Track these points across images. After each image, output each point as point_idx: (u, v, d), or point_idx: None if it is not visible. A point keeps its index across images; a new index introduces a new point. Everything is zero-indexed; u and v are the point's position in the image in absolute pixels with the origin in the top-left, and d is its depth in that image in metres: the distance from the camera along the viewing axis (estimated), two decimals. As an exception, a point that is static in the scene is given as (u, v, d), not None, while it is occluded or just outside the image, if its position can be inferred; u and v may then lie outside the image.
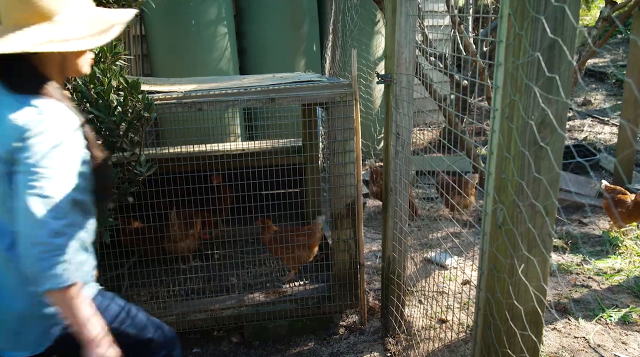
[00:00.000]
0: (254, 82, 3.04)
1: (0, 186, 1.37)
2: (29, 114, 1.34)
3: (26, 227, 1.30)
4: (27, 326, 1.48)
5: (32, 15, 1.36)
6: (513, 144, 1.36)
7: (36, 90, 1.38)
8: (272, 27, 5.07)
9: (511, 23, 1.32)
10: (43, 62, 1.42)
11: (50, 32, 1.36)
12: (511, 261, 1.41)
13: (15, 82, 1.38)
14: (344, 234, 2.86)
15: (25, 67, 1.39)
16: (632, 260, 3.51)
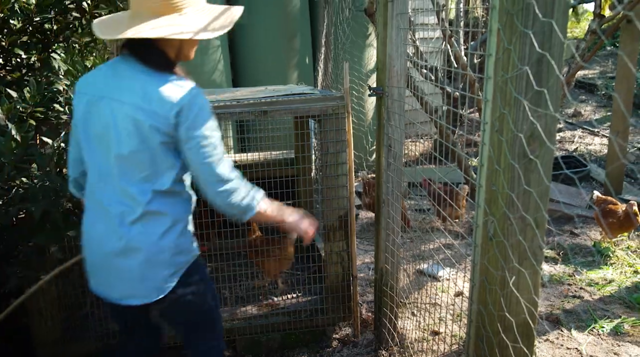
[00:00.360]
0: (247, 94, 3.05)
1: (148, 153, 1.60)
2: (180, 89, 1.59)
3: (220, 186, 1.62)
4: (154, 274, 1.68)
5: (166, 7, 1.58)
6: (503, 156, 1.38)
7: (172, 70, 1.64)
8: (265, 40, 5.10)
9: (500, 37, 1.34)
10: (166, 47, 1.64)
11: (181, 22, 1.59)
12: (502, 273, 1.42)
13: (157, 62, 1.62)
14: (336, 246, 2.86)
15: (156, 50, 1.62)
16: (623, 270, 3.53)
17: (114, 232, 1.66)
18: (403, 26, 2.31)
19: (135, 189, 1.64)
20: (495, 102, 1.38)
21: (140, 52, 1.62)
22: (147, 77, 1.61)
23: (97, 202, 1.69)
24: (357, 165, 5.29)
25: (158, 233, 1.66)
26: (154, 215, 1.65)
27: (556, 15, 1.24)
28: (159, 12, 1.58)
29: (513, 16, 1.28)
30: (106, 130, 1.62)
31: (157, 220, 1.66)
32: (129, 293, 1.71)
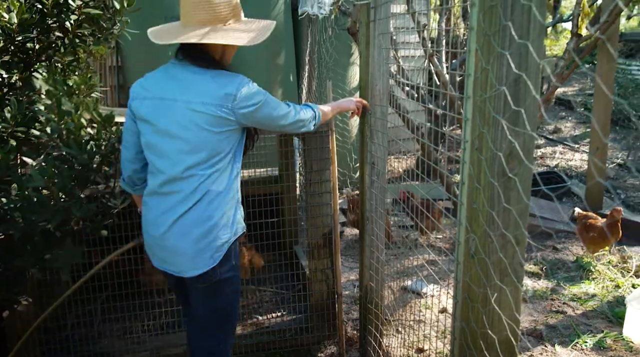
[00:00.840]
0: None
1: (207, 141, 1.86)
2: (229, 79, 1.89)
3: (294, 125, 2.09)
4: (209, 243, 1.90)
5: (211, 19, 1.89)
6: (483, 175, 1.39)
7: (218, 68, 1.92)
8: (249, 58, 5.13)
9: (478, 58, 1.37)
10: (211, 51, 1.92)
11: (223, 32, 1.89)
12: (484, 291, 1.43)
13: (205, 61, 1.90)
14: (321, 263, 2.86)
15: (204, 54, 1.91)
16: (605, 285, 3.57)
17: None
18: (385, 46, 2.35)
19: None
20: (475, 121, 1.40)
21: (191, 55, 1.90)
22: (199, 75, 1.88)
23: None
24: (342, 182, 5.30)
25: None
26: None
27: (532, 37, 1.27)
28: (205, 22, 1.88)
29: (490, 37, 1.31)
30: (171, 127, 1.86)
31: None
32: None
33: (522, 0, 1.23)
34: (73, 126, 2.09)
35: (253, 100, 1.89)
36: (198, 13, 1.88)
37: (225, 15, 1.91)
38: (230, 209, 1.95)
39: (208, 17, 1.88)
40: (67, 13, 2.30)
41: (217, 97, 1.84)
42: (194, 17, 1.88)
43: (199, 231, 1.88)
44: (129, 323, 2.95)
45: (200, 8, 1.87)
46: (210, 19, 1.88)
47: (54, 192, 1.95)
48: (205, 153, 1.86)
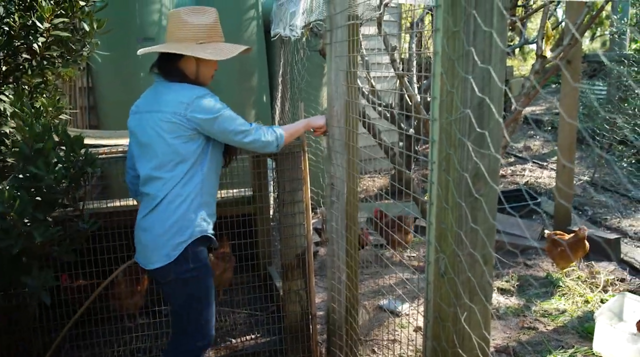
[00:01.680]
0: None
1: (171, 148, 2.05)
2: (189, 90, 2.07)
3: (247, 138, 2.16)
4: (164, 242, 2.06)
5: (192, 38, 2.12)
6: (450, 195, 1.42)
7: (189, 82, 2.12)
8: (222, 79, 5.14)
9: (444, 81, 1.40)
10: (183, 68, 2.12)
11: (198, 49, 2.10)
12: (454, 310, 1.44)
13: (176, 76, 2.11)
14: (295, 284, 2.85)
15: (176, 69, 2.12)
16: (575, 300, 3.63)
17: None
18: (342, 68, 2.35)
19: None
20: (442, 143, 1.43)
21: (163, 69, 2.12)
22: (169, 88, 2.08)
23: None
24: (315, 202, 5.31)
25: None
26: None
27: (494, 62, 1.31)
28: (181, 40, 2.11)
29: (454, 62, 1.35)
30: (145, 136, 2.08)
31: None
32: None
33: (483, 27, 1.28)
34: (42, 147, 2.06)
35: (208, 110, 2.04)
36: (178, 32, 2.12)
37: (202, 36, 2.13)
38: (191, 212, 2.07)
39: (186, 35, 2.12)
40: (35, 35, 2.28)
41: (173, 105, 2.03)
42: (174, 35, 2.13)
43: (158, 228, 2.06)
44: (98, 349, 2.87)
45: (180, 28, 2.12)
46: (188, 38, 2.12)
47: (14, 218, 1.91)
48: (166, 158, 2.05)
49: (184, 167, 2.06)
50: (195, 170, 2.09)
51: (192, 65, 2.14)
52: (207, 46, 2.13)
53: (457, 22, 1.32)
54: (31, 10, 2.32)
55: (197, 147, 2.08)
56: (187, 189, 2.07)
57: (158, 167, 2.07)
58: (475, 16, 1.29)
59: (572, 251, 3.77)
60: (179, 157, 2.06)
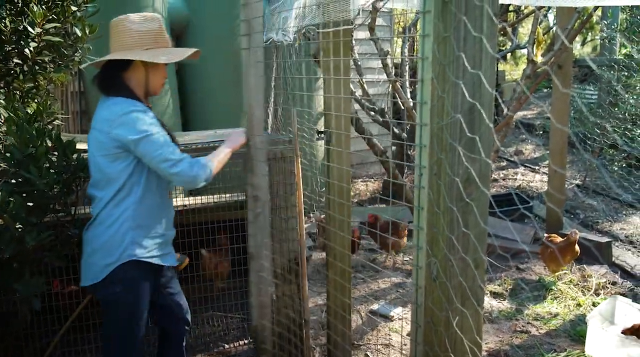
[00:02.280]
0: (195, 139, 3.05)
1: (98, 166, 1.98)
2: (118, 106, 1.94)
3: (172, 169, 1.95)
4: (94, 262, 2.01)
5: (136, 44, 2.01)
6: (442, 200, 1.43)
7: (127, 95, 1.99)
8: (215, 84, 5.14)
9: (434, 86, 1.41)
10: (133, 78, 2.02)
11: (145, 54, 2.00)
12: (446, 314, 1.45)
13: (118, 89, 2.00)
14: (288, 289, 2.84)
15: (119, 81, 2.00)
16: (567, 304, 3.65)
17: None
18: (261, 73, 2.25)
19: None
20: (433, 148, 1.44)
21: (101, 84, 2.02)
22: (104, 103, 1.98)
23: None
24: (309, 206, 5.31)
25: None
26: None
27: (484, 67, 1.32)
28: (125, 47, 2.00)
29: (445, 67, 1.36)
30: (89, 154, 2.01)
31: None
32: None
33: (473, 33, 1.29)
34: (35, 152, 2.05)
35: (132, 129, 1.91)
36: (123, 39, 2.01)
37: (148, 42, 2.03)
38: (120, 235, 1.97)
39: (132, 42, 2.01)
40: (27, 40, 2.28)
41: (100, 122, 1.96)
42: (118, 43, 2.02)
43: (88, 247, 2.03)
44: (90, 356, 2.85)
45: (124, 35, 2.01)
46: (134, 44, 2.01)
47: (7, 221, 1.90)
48: (97, 176, 2.00)
49: (114, 187, 1.96)
50: (128, 191, 1.98)
51: (141, 73, 2.04)
52: (156, 51, 2.03)
53: (448, 27, 1.33)
54: (22, 15, 2.32)
55: (125, 166, 1.95)
56: (117, 211, 1.97)
57: (93, 185, 2.02)
58: (466, 22, 1.30)
59: (563, 254, 3.79)
60: (106, 177, 1.96)
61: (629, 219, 5.39)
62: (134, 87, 2.03)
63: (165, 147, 1.94)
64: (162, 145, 1.93)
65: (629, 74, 5.70)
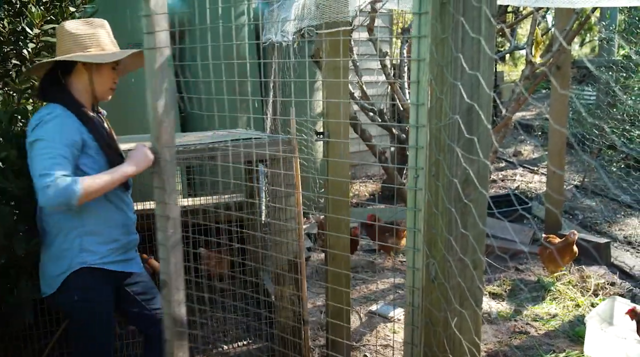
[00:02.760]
0: (194, 140, 3.05)
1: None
2: (41, 111, 1.93)
3: (46, 194, 1.78)
4: (47, 271, 2.01)
5: (75, 48, 1.98)
6: (440, 201, 1.43)
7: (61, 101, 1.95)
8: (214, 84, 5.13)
9: (433, 87, 1.41)
10: (77, 84, 2.00)
11: (82, 55, 1.96)
12: (445, 315, 1.45)
13: (53, 97, 1.97)
14: (287, 290, 2.84)
15: (57, 88, 1.97)
16: (566, 305, 3.65)
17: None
18: (170, 76, 1.90)
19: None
20: (431, 149, 1.44)
21: (40, 91, 2.02)
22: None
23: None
24: (308, 206, 5.31)
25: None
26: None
27: (482, 68, 1.32)
28: (66, 52, 1.97)
29: (443, 68, 1.36)
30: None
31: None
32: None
33: (471, 34, 1.29)
34: (6, 156, 2.05)
35: (30, 135, 1.87)
36: (63, 44, 1.99)
37: (89, 44, 2.00)
38: (68, 243, 1.94)
39: (71, 46, 1.98)
40: (25, 41, 2.27)
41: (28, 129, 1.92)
42: (60, 49, 2.01)
43: (42, 256, 2.03)
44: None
45: (65, 40, 1.99)
46: (74, 48, 1.98)
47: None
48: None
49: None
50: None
51: (84, 78, 2.00)
52: (95, 53, 1.99)
53: (446, 29, 1.33)
54: (21, 16, 2.31)
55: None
56: (62, 219, 1.94)
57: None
58: (464, 23, 1.30)
59: (561, 255, 3.79)
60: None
61: (627, 220, 5.40)
62: (78, 93, 2.00)
63: (45, 162, 1.77)
64: (43, 159, 1.78)
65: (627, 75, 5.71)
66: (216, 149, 2.63)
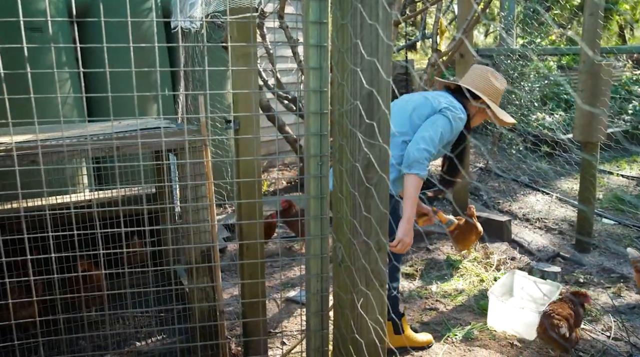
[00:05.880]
0: (98, 130, 2.90)
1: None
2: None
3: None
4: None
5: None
6: (344, 185, 1.45)
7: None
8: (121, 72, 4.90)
9: (335, 74, 1.43)
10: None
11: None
12: (351, 297, 1.48)
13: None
14: (201, 281, 2.79)
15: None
16: (472, 280, 3.87)
17: None
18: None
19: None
20: (335, 134, 1.46)
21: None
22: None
23: None
24: (224, 197, 5.24)
25: None
26: None
27: (380, 55, 1.35)
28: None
29: (344, 54, 1.38)
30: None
31: None
32: None
33: (369, 21, 1.31)
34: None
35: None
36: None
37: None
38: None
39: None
40: None
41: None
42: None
43: None
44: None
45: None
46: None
47: None
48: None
49: None
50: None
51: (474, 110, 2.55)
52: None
53: (345, 15, 1.35)
54: None
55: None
56: None
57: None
58: (361, 10, 1.32)
59: (467, 233, 4.00)
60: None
61: (526, 199, 5.79)
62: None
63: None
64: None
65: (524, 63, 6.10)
66: (121, 139, 2.52)
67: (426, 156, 2.32)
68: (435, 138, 2.38)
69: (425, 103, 2.54)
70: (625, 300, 3.57)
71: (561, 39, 10.39)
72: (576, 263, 4.18)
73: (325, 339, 1.53)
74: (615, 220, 5.09)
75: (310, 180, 1.52)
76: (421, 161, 2.31)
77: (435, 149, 2.39)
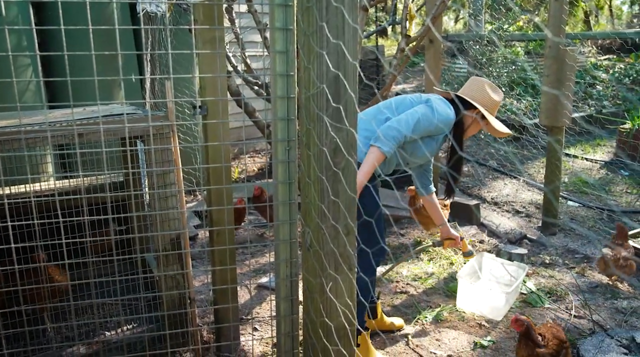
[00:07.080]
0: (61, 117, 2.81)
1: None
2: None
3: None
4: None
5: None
6: (312, 170, 1.45)
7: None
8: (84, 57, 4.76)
9: (301, 57, 1.41)
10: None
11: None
12: (321, 281, 1.49)
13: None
14: (171, 269, 2.76)
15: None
16: (441, 264, 3.93)
17: None
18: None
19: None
20: (302, 118, 1.45)
21: None
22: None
23: None
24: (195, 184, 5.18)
25: None
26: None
27: (346, 38, 1.34)
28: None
29: (309, 37, 1.36)
30: None
31: None
32: None
33: (334, 3, 1.30)
34: None
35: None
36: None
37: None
38: None
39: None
40: None
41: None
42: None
43: None
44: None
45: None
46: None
47: None
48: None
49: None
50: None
51: (469, 120, 2.55)
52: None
53: (310, -3, 1.33)
54: None
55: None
56: None
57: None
58: (327, -8, 1.30)
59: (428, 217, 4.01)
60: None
61: (494, 183, 5.90)
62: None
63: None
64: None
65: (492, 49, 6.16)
66: (84, 126, 2.45)
67: (394, 135, 2.35)
68: (411, 121, 2.40)
69: (420, 100, 2.62)
70: (589, 279, 3.69)
71: (529, 25, 10.53)
72: (542, 245, 4.29)
73: (296, 323, 1.54)
74: (579, 202, 5.23)
75: (278, 165, 1.51)
76: (388, 138, 2.33)
77: (409, 131, 2.40)
